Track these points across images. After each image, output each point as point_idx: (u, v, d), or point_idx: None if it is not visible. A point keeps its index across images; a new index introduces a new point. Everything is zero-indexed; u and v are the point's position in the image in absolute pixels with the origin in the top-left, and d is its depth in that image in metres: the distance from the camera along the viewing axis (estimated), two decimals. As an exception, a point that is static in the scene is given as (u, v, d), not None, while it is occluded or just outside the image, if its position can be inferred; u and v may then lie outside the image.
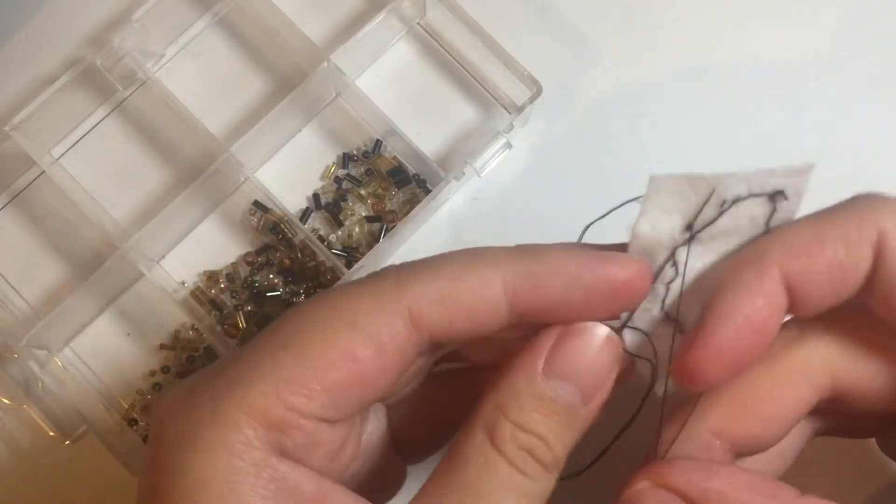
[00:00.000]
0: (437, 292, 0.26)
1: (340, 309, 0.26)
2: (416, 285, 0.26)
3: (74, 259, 0.47)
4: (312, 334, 0.26)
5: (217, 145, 0.45)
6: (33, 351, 0.44)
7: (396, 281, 0.27)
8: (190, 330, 0.46)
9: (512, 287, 0.27)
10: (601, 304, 0.27)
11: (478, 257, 0.27)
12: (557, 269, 0.27)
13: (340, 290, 0.27)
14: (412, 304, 0.26)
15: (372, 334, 0.26)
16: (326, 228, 0.47)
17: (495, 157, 0.46)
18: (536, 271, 0.27)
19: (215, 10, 0.49)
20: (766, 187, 0.28)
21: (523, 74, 0.45)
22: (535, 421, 0.27)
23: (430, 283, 0.26)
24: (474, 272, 0.27)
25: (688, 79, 0.49)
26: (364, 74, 0.49)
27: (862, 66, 0.49)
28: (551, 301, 0.27)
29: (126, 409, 0.45)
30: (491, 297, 0.27)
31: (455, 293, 0.26)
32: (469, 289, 0.26)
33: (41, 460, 0.44)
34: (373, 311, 0.26)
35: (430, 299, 0.26)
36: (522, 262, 0.27)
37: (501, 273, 0.27)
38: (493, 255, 0.27)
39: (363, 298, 0.26)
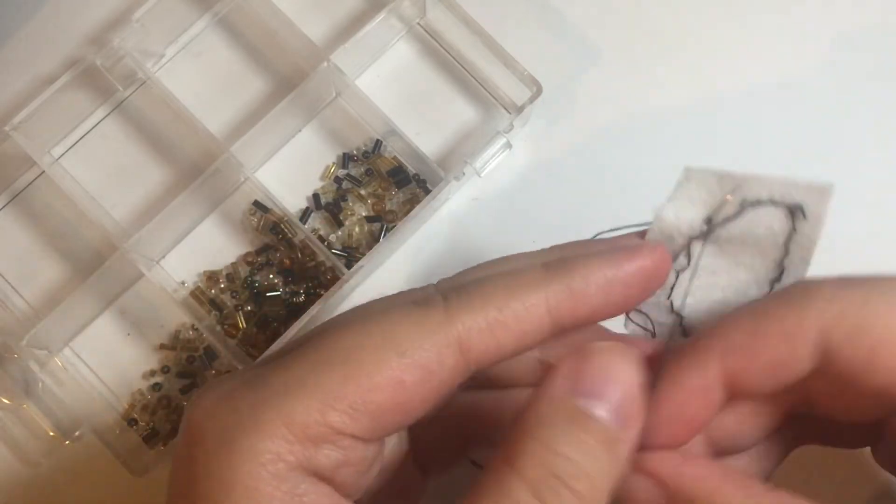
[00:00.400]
0: (485, 321, 0.27)
1: (390, 334, 0.27)
2: (463, 315, 0.27)
3: (74, 259, 0.47)
4: (362, 357, 0.26)
5: (217, 145, 0.45)
6: (33, 351, 0.44)
7: (446, 311, 0.27)
8: (190, 330, 0.46)
9: (555, 305, 0.27)
10: (635, 296, 0.29)
11: (519, 282, 0.28)
12: (594, 278, 0.28)
13: (389, 312, 0.28)
14: (462, 333, 0.27)
15: (420, 363, 0.26)
16: (326, 228, 0.47)
17: (495, 157, 0.46)
18: (576, 286, 0.28)
19: (215, 10, 0.49)
20: (787, 198, 0.29)
21: (523, 74, 0.45)
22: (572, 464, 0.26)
23: (478, 312, 0.27)
24: (519, 299, 0.27)
25: (688, 78, 0.49)
26: (364, 74, 0.49)
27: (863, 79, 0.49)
28: (593, 308, 0.28)
29: (126, 409, 0.45)
30: (536, 318, 0.27)
31: (502, 320, 0.27)
32: (515, 315, 0.27)
33: (41, 460, 0.44)
34: (423, 341, 0.27)
35: (479, 328, 0.27)
36: (561, 279, 0.28)
37: (545, 295, 0.27)
38: (532, 277, 0.28)
39: (412, 327, 0.27)
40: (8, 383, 0.44)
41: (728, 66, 0.49)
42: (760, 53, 0.49)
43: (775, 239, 0.30)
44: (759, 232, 0.30)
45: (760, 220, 0.30)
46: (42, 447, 0.44)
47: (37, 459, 0.44)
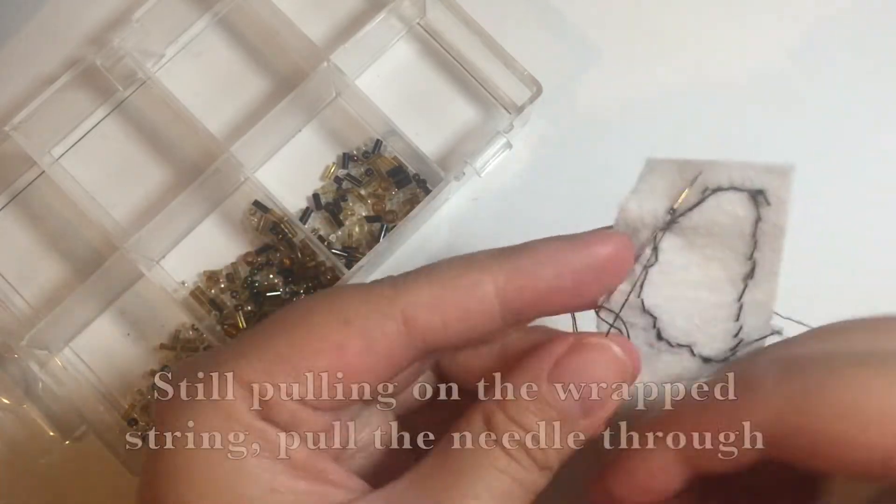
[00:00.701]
0: (429, 296, 0.27)
1: (337, 306, 0.28)
2: (410, 290, 0.28)
3: (74, 259, 0.47)
4: (307, 324, 0.27)
5: (217, 145, 0.45)
6: (33, 351, 0.44)
7: (392, 286, 0.28)
8: (190, 330, 0.46)
9: (503, 284, 0.28)
10: (589, 284, 0.28)
11: (468, 262, 0.28)
12: (543, 258, 0.28)
13: (340, 289, 0.29)
14: (406, 307, 0.27)
15: (362, 330, 0.27)
16: (326, 228, 0.47)
17: (495, 157, 0.46)
18: (524, 265, 0.28)
19: (215, 10, 0.49)
20: (747, 182, 0.29)
21: (523, 74, 0.45)
22: (530, 420, 0.28)
23: (423, 287, 0.28)
24: (465, 275, 0.28)
25: (687, 78, 0.49)
26: (364, 74, 0.49)
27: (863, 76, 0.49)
28: (542, 291, 0.28)
29: (126, 409, 0.45)
30: (482, 296, 0.28)
31: (447, 296, 0.27)
32: (461, 291, 0.28)
33: (41, 460, 0.44)
34: (367, 311, 0.27)
35: (424, 303, 0.27)
36: (509, 258, 0.28)
37: (492, 273, 0.28)
38: (483, 257, 0.28)
39: (360, 299, 0.28)
40: (8, 383, 0.44)
41: (728, 65, 0.49)
42: (760, 53, 0.49)
43: (741, 228, 0.29)
44: (724, 220, 0.29)
45: (724, 207, 0.29)
46: (42, 447, 0.44)
47: (37, 459, 0.44)
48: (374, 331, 0.27)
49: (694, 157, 0.29)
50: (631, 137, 0.48)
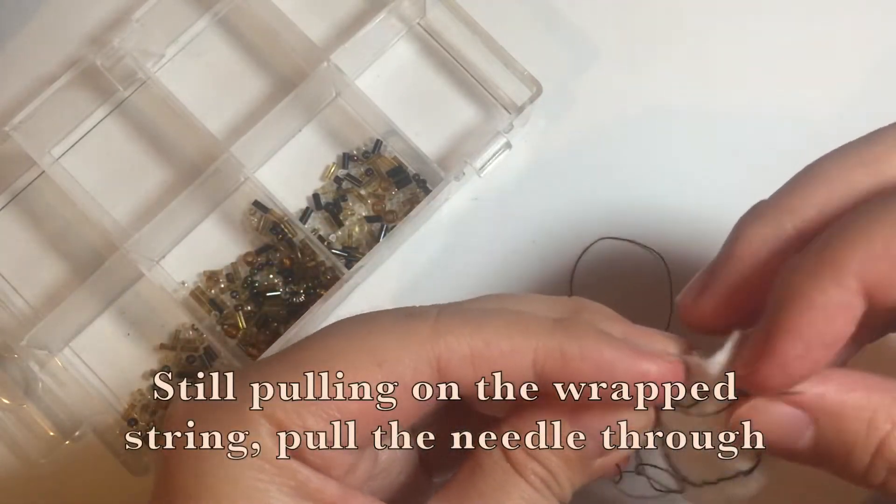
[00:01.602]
0: (469, 349, 0.27)
1: (370, 344, 0.27)
2: (450, 336, 0.27)
3: (74, 259, 0.47)
4: (340, 363, 0.26)
5: (217, 145, 0.45)
6: (33, 351, 0.44)
7: (433, 327, 0.27)
8: (190, 330, 0.46)
9: (542, 361, 0.27)
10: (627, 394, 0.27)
11: (516, 323, 0.27)
12: (590, 354, 0.27)
13: (376, 320, 0.28)
14: (443, 354, 0.27)
15: (396, 375, 0.26)
16: (326, 228, 0.47)
17: (495, 157, 0.46)
18: (568, 351, 0.27)
19: (215, 11, 0.49)
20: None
21: (523, 74, 0.45)
22: (548, 458, 0.27)
23: (464, 338, 0.27)
24: (508, 338, 0.27)
25: (687, 78, 0.49)
26: (364, 74, 0.49)
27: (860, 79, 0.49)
28: (577, 380, 0.27)
29: (126, 409, 0.45)
30: (519, 366, 0.27)
31: (485, 354, 0.27)
32: (499, 353, 0.27)
33: (41, 460, 0.44)
34: (402, 353, 0.26)
35: (462, 354, 0.27)
36: (557, 338, 0.27)
37: (534, 345, 0.27)
38: (532, 324, 0.27)
39: (396, 337, 0.27)
40: (8, 383, 0.44)
41: (727, 65, 0.49)
42: (760, 53, 0.49)
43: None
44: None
45: None
46: (42, 447, 0.44)
47: (37, 459, 0.44)
48: (407, 375, 0.26)
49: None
50: (631, 137, 0.48)
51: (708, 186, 0.47)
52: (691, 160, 0.48)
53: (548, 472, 0.27)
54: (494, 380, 0.27)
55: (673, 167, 0.48)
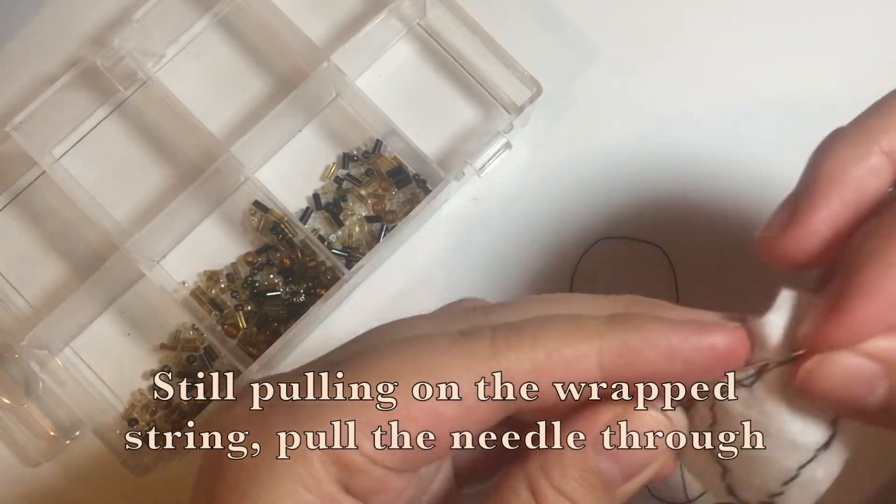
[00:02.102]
0: (530, 363, 0.26)
1: (430, 364, 0.26)
2: (509, 353, 0.26)
3: (75, 259, 0.47)
4: (399, 385, 0.26)
5: (217, 145, 0.45)
6: (33, 351, 0.44)
7: (491, 346, 0.26)
8: (190, 330, 0.46)
9: (608, 360, 0.26)
10: (700, 373, 0.27)
11: (574, 328, 0.26)
12: (656, 341, 0.26)
13: (433, 341, 0.27)
14: (505, 373, 0.26)
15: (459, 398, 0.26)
16: (326, 228, 0.47)
17: (495, 157, 0.46)
18: (634, 344, 0.26)
19: (215, 11, 0.49)
20: None
21: (523, 74, 0.45)
22: (574, 490, 0.27)
23: (524, 352, 0.26)
24: (570, 345, 0.26)
25: (687, 78, 0.49)
26: (364, 74, 0.49)
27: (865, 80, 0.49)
28: (648, 374, 0.26)
29: (126, 409, 0.45)
30: (586, 370, 0.26)
31: (549, 365, 0.26)
32: (564, 362, 0.26)
33: (41, 460, 0.44)
34: (463, 374, 0.26)
35: (524, 370, 0.26)
36: (619, 333, 0.26)
37: (598, 346, 0.26)
38: (590, 326, 0.27)
39: (455, 359, 0.26)
40: (8, 383, 0.44)
41: (727, 65, 0.49)
42: (759, 52, 0.49)
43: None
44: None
45: None
46: (42, 447, 0.44)
47: (37, 459, 0.44)
48: (471, 399, 0.26)
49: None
50: (631, 137, 0.48)
51: (708, 186, 0.47)
52: (691, 160, 0.48)
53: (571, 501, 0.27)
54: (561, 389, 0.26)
55: (673, 167, 0.48)
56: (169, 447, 0.42)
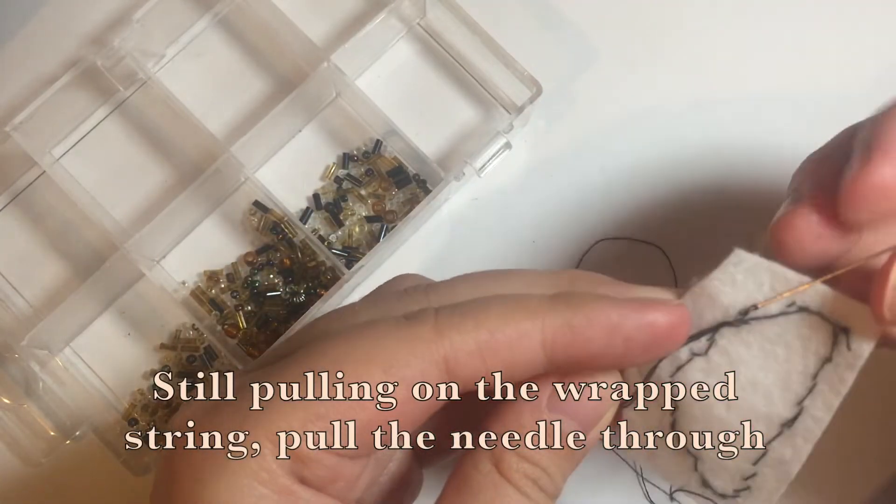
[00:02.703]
0: (474, 343, 0.26)
1: (375, 350, 0.26)
2: (453, 334, 0.26)
3: (75, 259, 0.47)
4: (345, 374, 0.26)
5: (217, 145, 0.45)
6: (34, 351, 0.44)
7: (434, 328, 0.26)
8: (190, 330, 0.46)
9: (551, 339, 0.26)
10: (640, 351, 0.27)
11: (517, 307, 0.27)
12: (597, 319, 0.26)
13: (378, 326, 0.27)
14: (448, 353, 0.26)
15: (404, 380, 0.26)
16: (326, 228, 0.47)
17: (495, 157, 0.46)
18: (576, 323, 0.26)
19: (215, 11, 0.49)
20: (836, 314, 0.27)
21: (523, 74, 0.45)
22: (538, 452, 0.27)
23: (468, 333, 0.26)
24: (513, 324, 0.26)
25: (686, 78, 0.49)
26: (364, 75, 0.49)
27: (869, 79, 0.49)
28: (591, 352, 0.27)
29: (126, 408, 0.45)
30: (529, 349, 0.26)
31: (493, 345, 0.26)
32: (507, 341, 0.26)
33: (42, 460, 0.44)
34: (408, 358, 0.26)
35: (468, 350, 0.26)
36: (561, 312, 0.27)
37: (540, 325, 0.26)
38: (533, 304, 0.27)
39: (399, 343, 0.26)
40: (9, 383, 0.44)
41: (727, 65, 0.49)
42: (760, 52, 0.49)
43: (807, 363, 0.27)
44: (795, 344, 0.28)
45: (801, 329, 0.28)
46: (43, 447, 0.44)
47: (37, 459, 0.44)
48: (416, 379, 0.26)
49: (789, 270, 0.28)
50: (631, 137, 0.48)
51: (708, 186, 0.47)
52: (691, 160, 0.48)
53: (539, 468, 0.27)
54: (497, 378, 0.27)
55: (672, 167, 0.48)
56: (169, 447, 0.42)
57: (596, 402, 0.28)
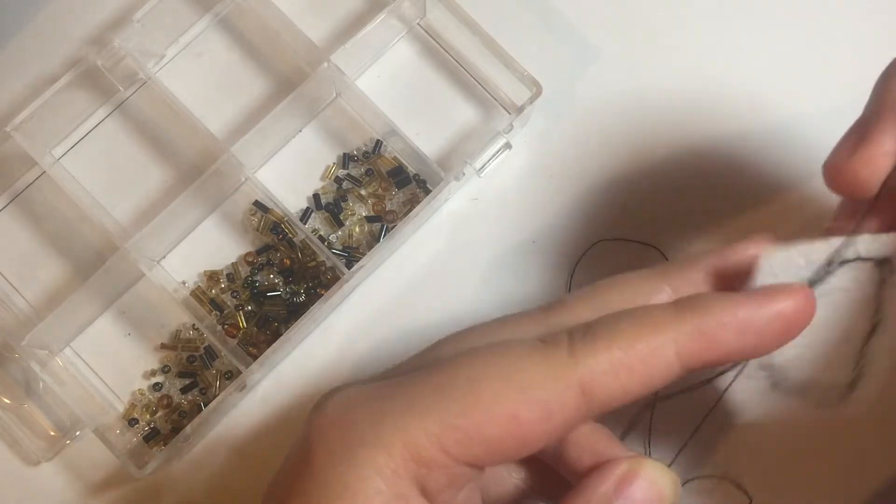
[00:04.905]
0: (609, 363, 0.26)
1: (513, 371, 0.27)
2: (589, 358, 0.27)
3: (75, 259, 0.47)
4: (482, 389, 0.27)
5: (217, 145, 0.45)
6: (34, 350, 0.44)
7: (570, 352, 0.27)
8: (190, 330, 0.46)
9: (684, 348, 0.27)
10: (773, 340, 0.27)
11: (645, 322, 0.27)
12: (727, 318, 0.27)
13: (511, 347, 0.28)
14: (585, 376, 0.26)
15: (540, 401, 0.26)
16: (327, 228, 0.47)
17: (495, 158, 0.46)
18: (707, 326, 0.27)
19: (215, 11, 0.49)
20: (872, 252, 0.29)
21: (523, 75, 0.45)
22: None
23: (602, 353, 0.26)
24: (644, 339, 0.27)
25: (687, 78, 0.49)
26: (364, 75, 0.49)
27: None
28: (725, 352, 0.27)
29: (126, 409, 0.45)
30: (664, 361, 0.27)
31: (628, 364, 0.26)
32: (642, 358, 0.27)
33: (42, 460, 0.44)
34: (544, 380, 0.26)
35: (604, 371, 0.26)
36: (689, 320, 0.27)
37: (673, 336, 0.27)
38: (662, 316, 0.27)
39: (537, 366, 0.27)
40: (9, 383, 0.44)
41: (727, 65, 0.49)
42: (760, 53, 0.49)
43: (865, 291, 0.29)
44: (851, 286, 0.29)
45: (850, 275, 0.29)
46: (43, 447, 0.44)
47: (37, 459, 0.44)
48: (552, 401, 0.26)
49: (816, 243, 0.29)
50: (631, 137, 0.48)
51: (709, 187, 0.47)
52: (691, 160, 0.48)
53: None
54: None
55: (673, 167, 0.48)
56: (169, 447, 0.42)
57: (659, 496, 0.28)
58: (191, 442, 0.43)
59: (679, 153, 0.48)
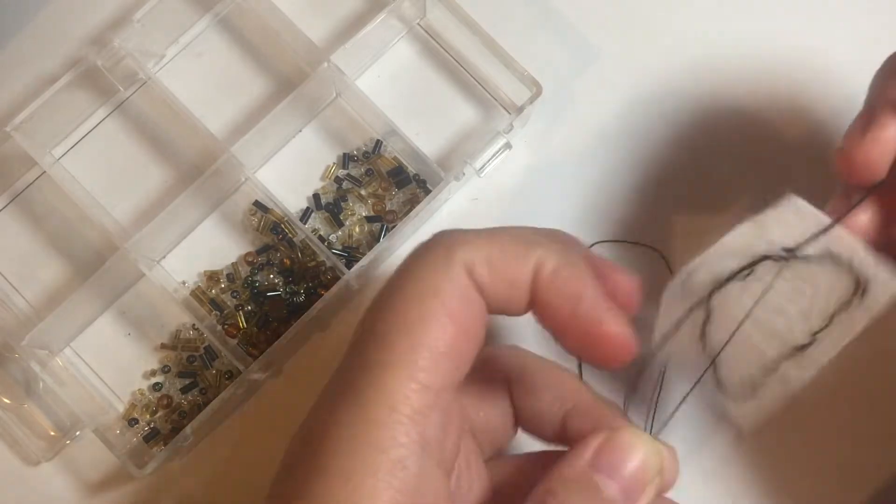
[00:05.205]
0: (487, 254, 0.29)
1: (421, 285, 0.29)
2: (467, 248, 0.29)
3: (75, 259, 0.47)
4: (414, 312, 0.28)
5: (217, 145, 0.45)
6: (34, 351, 0.44)
7: (448, 249, 0.29)
8: (190, 330, 0.46)
9: (538, 270, 0.29)
10: (591, 348, 0.29)
11: (524, 235, 0.30)
12: (574, 284, 0.29)
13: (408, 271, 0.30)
14: (466, 261, 0.29)
15: (454, 290, 0.28)
16: (327, 228, 0.47)
17: (495, 158, 0.46)
18: (562, 273, 0.29)
19: (216, 11, 0.49)
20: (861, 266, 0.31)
21: (523, 75, 0.45)
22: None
23: (482, 246, 0.29)
24: (519, 245, 0.29)
25: (687, 78, 0.49)
26: (364, 75, 0.49)
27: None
28: (552, 301, 0.29)
29: (126, 409, 0.45)
30: (523, 271, 0.29)
31: (500, 258, 0.29)
32: (512, 258, 0.29)
33: (42, 460, 0.44)
34: (443, 276, 0.29)
35: (482, 258, 0.29)
36: (556, 256, 0.29)
37: (537, 255, 0.29)
38: (541, 239, 0.29)
39: (435, 269, 0.29)
40: (9, 383, 0.44)
41: (727, 65, 0.49)
42: (760, 52, 0.49)
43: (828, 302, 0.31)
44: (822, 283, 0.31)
45: (829, 275, 0.31)
46: (43, 447, 0.44)
47: (37, 459, 0.44)
48: (463, 286, 0.28)
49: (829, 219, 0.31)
50: (630, 137, 0.48)
51: (709, 186, 0.47)
52: (691, 161, 0.48)
53: None
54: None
55: (672, 167, 0.48)
56: (169, 447, 0.42)
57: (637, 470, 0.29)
58: (191, 442, 0.43)
59: (679, 153, 0.48)
